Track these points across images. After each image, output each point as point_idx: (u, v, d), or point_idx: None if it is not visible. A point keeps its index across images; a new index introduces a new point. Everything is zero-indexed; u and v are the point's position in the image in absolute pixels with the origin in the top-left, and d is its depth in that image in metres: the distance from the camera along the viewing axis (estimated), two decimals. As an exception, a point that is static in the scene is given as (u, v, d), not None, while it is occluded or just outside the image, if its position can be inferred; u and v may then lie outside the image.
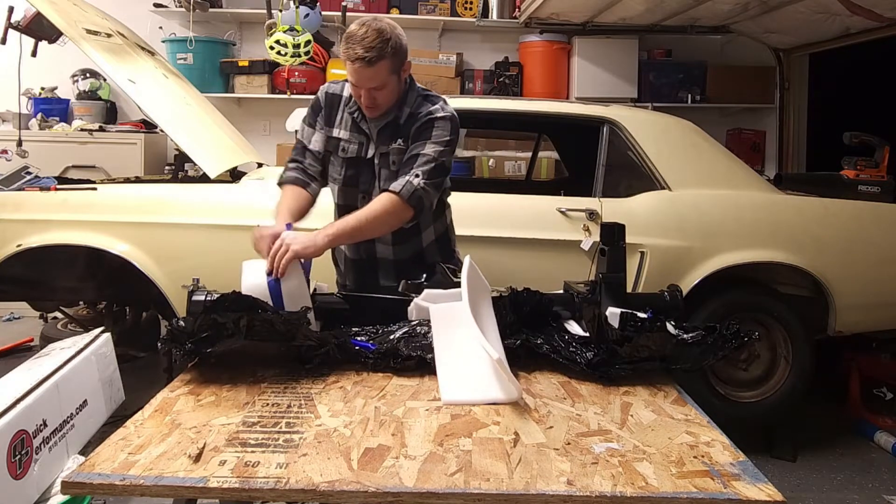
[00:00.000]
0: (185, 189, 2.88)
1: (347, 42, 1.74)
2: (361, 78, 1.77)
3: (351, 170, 1.96)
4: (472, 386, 1.37)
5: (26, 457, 1.60)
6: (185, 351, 1.42)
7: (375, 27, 1.74)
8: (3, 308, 4.53)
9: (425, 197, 1.81)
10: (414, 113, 1.90)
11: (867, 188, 3.05)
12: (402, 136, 1.90)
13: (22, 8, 3.12)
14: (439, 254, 2.03)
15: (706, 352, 1.51)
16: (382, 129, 1.90)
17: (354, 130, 1.94)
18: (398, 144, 1.90)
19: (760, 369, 2.92)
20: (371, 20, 1.78)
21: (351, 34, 1.74)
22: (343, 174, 1.97)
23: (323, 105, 1.98)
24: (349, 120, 1.94)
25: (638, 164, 2.86)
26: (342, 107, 1.96)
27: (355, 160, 1.94)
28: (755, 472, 1.08)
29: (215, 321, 1.41)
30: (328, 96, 1.98)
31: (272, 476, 1.04)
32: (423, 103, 1.91)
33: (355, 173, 1.95)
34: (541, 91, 4.81)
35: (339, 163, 1.97)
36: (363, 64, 1.73)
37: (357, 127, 1.93)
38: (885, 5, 3.34)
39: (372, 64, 1.73)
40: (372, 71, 1.75)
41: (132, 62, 3.08)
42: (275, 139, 4.88)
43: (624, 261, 1.67)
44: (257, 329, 1.43)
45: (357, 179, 1.96)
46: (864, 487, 2.66)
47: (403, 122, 1.90)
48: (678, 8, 4.11)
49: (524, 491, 1.02)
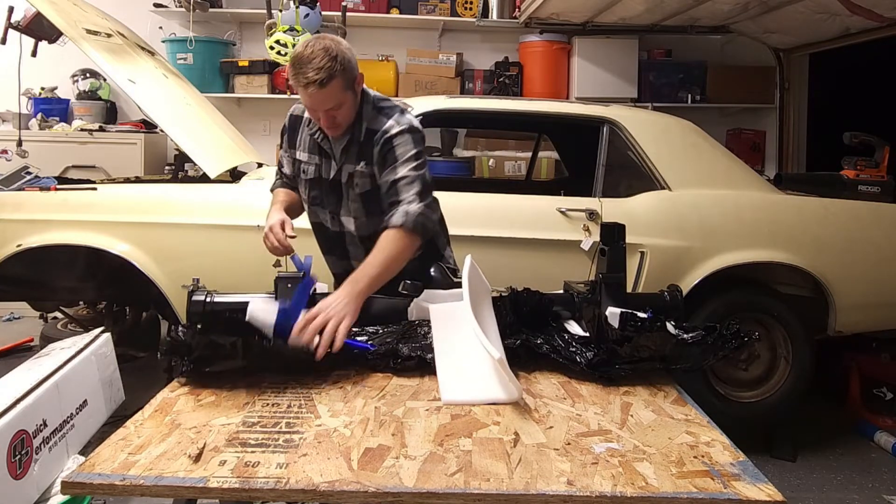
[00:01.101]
0: (185, 189, 2.88)
1: (295, 67, 1.69)
2: (316, 101, 1.73)
3: (314, 190, 1.95)
4: (472, 386, 1.37)
5: (26, 457, 1.60)
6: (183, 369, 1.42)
7: (321, 46, 1.69)
8: (3, 308, 4.53)
9: (427, 221, 1.78)
10: (371, 129, 1.85)
11: (867, 188, 3.05)
12: (365, 155, 1.85)
13: (22, 8, 3.12)
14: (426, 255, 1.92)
15: (706, 352, 1.51)
16: (345, 149, 1.87)
17: (314, 152, 1.91)
18: (362, 167, 1.85)
19: (760, 369, 2.92)
20: (314, 40, 1.73)
21: (298, 58, 1.69)
22: (308, 195, 1.97)
23: (287, 128, 1.98)
24: (308, 141, 1.92)
25: (638, 164, 2.86)
26: (302, 128, 1.94)
27: (316, 181, 1.93)
28: (755, 472, 1.08)
29: (213, 342, 1.40)
30: (291, 118, 1.97)
31: (272, 476, 1.04)
32: (377, 117, 1.85)
33: (318, 194, 1.94)
34: (541, 91, 4.81)
35: (302, 184, 1.97)
36: (316, 87, 1.68)
37: (317, 148, 1.90)
38: (885, 5, 3.34)
39: (324, 85, 1.68)
40: (326, 92, 1.70)
41: (132, 62, 3.08)
42: (275, 139, 4.87)
43: (624, 261, 1.67)
44: (255, 351, 1.42)
45: (321, 199, 1.94)
46: (864, 487, 2.66)
47: (364, 139, 1.85)
48: (678, 8, 4.11)
49: (524, 491, 1.02)
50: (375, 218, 1.87)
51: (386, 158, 1.82)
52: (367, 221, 1.91)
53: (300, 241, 1.80)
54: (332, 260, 2.03)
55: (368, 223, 1.90)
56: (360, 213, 1.91)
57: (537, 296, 1.70)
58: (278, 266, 2.42)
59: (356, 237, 1.94)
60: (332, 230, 1.97)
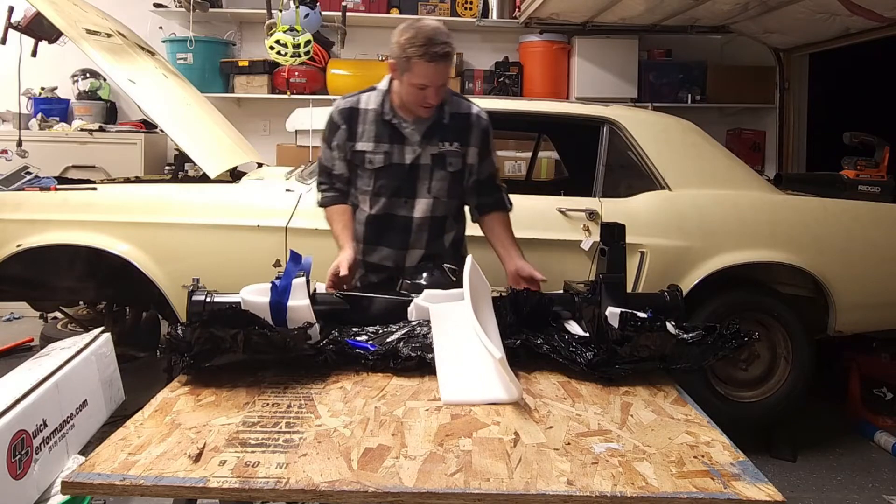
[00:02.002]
0: (185, 189, 2.88)
1: (424, 44, 1.76)
2: (439, 75, 1.81)
3: (382, 179, 1.97)
4: (472, 386, 1.37)
5: (26, 457, 1.60)
6: (183, 364, 1.42)
7: (433, 25, 1.80)
8: (3, 308, 4.52)
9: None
10: (455, 113, 1.96)
11: (867, 188, 3.05)
12: (449, 135, 1.95)
13: (22, 8, 3.12)
14: (453, 256, 2.04)
15: (706, 352, 1.51)
16: (429, 130, 1.94)
17: (381, 140, 1.94)
18: (455, 147, 1.96)
19: (760, 369, 2.92)
20: (418, 21, 1.82)
21: (422, 34, 1.76)
22: (373, 185, 1.98)
23: (341, 121, 1.98)
24: (372, 130, 1.95)
25: (638, 164, 2.85)
26: (362, 119, 1.96)
27: (386, 168, 1.95)
28: (755, 472, 1.08)
29: (213, 335, 1.40)
30: (346, 112, 1.98)
31: (272, 476, 1.04)
32: (455, 100, 1.99)
33: (387, 182, 1.96)
34: (541, 91, 4.81)
35: (367, 175, 1.98)
36: (446, 60, 1.78)
37: (387, 135, 1.94)
38: (885, 5, 3.34)
39: (449, 58, 1.80)
40: (446, 66, 1.81)
41: (132, 62, 3.08)
42: (275, 139, 4.88)
43: (624, 260, 1.66)
44: (255, 343, 1.42)
45: (393, 187, 1.97)
46: (864, 487, 2.66)
47: (449, 120, 1.95)
48: (678, 8, 4.11)
49: (524, 491, 1.02)
50: (453, 200, 2.01)
51: (487, 144, 2.03)
52: (446, 202, 2.00)
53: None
54: (383, 251, 2.02)
55: (446, 204, 2.00)
56: (443, 194, 1.98)
57: (537, 296, 1.70)
58: (278, 266, 2.43)
59: (426, 220, 1.98)
60: (399, 216, 1.99)
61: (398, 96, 1.93)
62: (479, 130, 2.01)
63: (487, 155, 2.05)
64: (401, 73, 1.85)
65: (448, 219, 2.04)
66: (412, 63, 1.79)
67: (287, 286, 1.53)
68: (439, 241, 2.03)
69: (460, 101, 2.02)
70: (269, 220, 2.65)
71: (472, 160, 2.01)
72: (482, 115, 2.03)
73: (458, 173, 2.00)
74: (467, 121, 1.99)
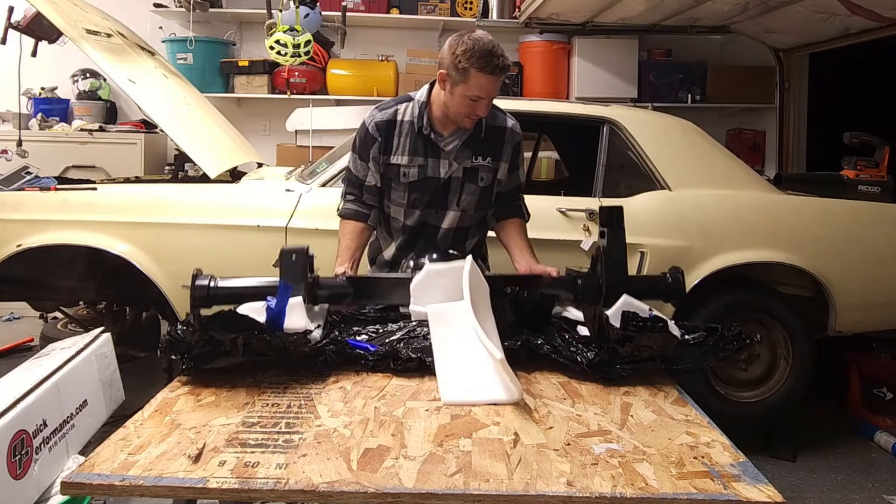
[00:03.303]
0: (185, 189, 2.88)
1: (485, 57, 1.75)
2: (495, 87, 1.81)
3: (416, 192, 1.97)
4: (471, 386, 1.37)
5: (26, 457, 1.60)
6: (183, 367, 1.43)
7: (489, 37, 1.79)
8: (3, 308, 4.52)
9: None
10: (491, 126, 1.95)
11: (867, 188, 3.05)
12: (483, 149, 1.95)
13: (22, 8, 3.12)
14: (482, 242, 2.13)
15: (707, 353, 1.52)
16: (465, 143, 1.94)
17: (417, 153, 1.94)
18: (487, 162, 1.96)
19: (760, 369, 2.92)
20: (475, 34, 1.80)
21: (482, 48, 1.75)
22: (407, 198, 1.98)
23: (379, 135, 1.96)
24: (407, 144, 1.94)
25: (638, 164, 2.86)
26: (399, 132, 1.95)
27: (420, 182, 1.96)
28: (755, 473, 1.08)
29: (213, 338, 1.40)
30: (383, 125, 1.96)
31: (272, 476, 1.04)
32: (493, 112, 1.97)
33: (423, 195, 1.97)
34: (541, 91, 4.81)
35: (401, 188, 1.98)
36: (504, 73, 1.79)
37: (422, 149, 1.93)
38: (885, 5, 3.34)
39: (507, 71, 1.80)
40: (501, 78, 1.81)
41: (132, 62, 3.08)
42: (275, 139, 4.88)
43: (623, 242, 1.68)
44: (254, 346, 1.42)
45: (427, 200, 1.98)
46: (864, 487, 2.66)
47: (485, 134, 1.94)
48: (678, 8, 4.11)
49: (524, 492, 1.02)
50: (480, 211, 2.03)
51: (516, 159, 2.03)
52: (473, 215, 2.02)
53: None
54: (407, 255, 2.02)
55: (472, 217, 2.03)
56: (471, 207, 2.00)
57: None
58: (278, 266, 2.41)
59: (451, 230, 2.01)
60: (430, 225, 2.01)
61: (441, 107, 1.90)
62: (511, 146, 2.01)
63: (515, 169, 2.05)
64: (453, 84, 1.82)
65: (472, 227, 2.08)
66: (469, 74, 1.77)
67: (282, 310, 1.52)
68: (461, 245, 2.06)
69: (496, 112, 2.00)
70: (269, 220, 2.65)
71: (501, 175, 2.02)
72: (516, 129, 2.02)
73: (488, 188, 2.01)
74: (502, 136, 1.99)
